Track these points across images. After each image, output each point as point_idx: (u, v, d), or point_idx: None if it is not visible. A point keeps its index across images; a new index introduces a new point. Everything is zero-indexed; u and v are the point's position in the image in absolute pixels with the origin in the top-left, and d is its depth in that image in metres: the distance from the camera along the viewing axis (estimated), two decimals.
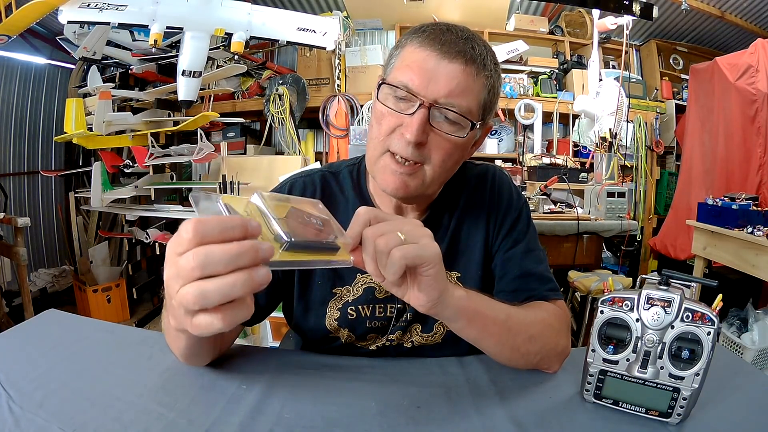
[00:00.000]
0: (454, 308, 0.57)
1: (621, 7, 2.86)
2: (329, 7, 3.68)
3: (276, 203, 0.45)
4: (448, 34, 0.64)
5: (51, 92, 3.66)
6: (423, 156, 0.66)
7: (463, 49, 0.63)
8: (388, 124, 0.66)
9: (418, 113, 0.63)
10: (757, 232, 1.97)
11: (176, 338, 0.59)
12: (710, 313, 0.52)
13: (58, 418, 0.53)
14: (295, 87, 3.23)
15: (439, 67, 0.63)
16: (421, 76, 0.63)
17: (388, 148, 0.66)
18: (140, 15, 2.28)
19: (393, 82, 0.65)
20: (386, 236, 0.49)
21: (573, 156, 3.48)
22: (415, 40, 0.65)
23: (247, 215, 0.42)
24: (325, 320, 0.77)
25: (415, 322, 0.79)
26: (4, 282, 2.89)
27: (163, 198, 3.14)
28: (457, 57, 0.63)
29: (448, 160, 0.68)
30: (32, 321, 0.84)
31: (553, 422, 0.56)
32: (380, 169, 0.68)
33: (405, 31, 1.00)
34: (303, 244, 0.43)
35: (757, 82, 2.60)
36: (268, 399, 0.59)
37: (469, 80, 0.64)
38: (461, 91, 0.63)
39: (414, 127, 0.63)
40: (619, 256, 3.21)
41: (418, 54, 0.64)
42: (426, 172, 0.67)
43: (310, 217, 0.48)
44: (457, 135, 0.65)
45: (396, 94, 0.65)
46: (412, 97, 0.64)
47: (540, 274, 0.78)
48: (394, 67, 0.67)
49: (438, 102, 0.63)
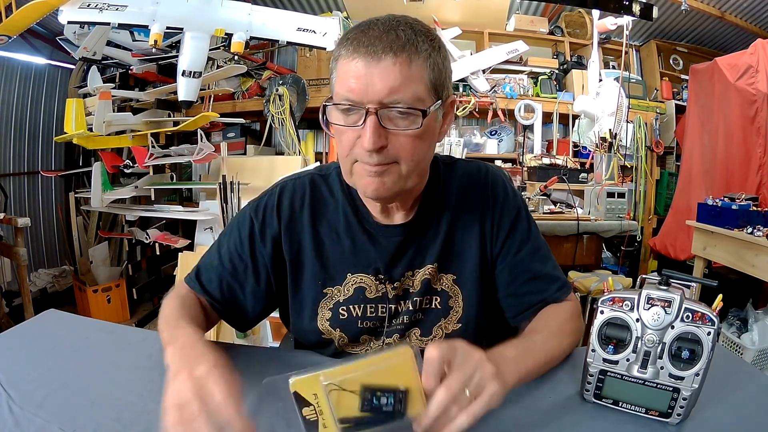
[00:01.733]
0: (513, 383, 0.57)
1: (621, 7, 2.86)
2: (329, 7, 3.68)
3: (344, 380, 0.46)
4: (370, 32, 0.63)
5: (51, 92, 3.66)
6: (390, 157, 0.65)
7: (388, 42, 0.62)
8: (347, 140, 0.66)
9: (368, 121, 0.62)
10: (756, 232, 1.97)
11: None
12: (710, 313, 0.52)
13: (58, 418, 0.53)
14: (295, 87, 3.23)
15: (370, 69, 0.61)
16: (357, 85, 0.62)
17: (355, 159, 0.66)
18: (140, 15, 2.27)
19: (336, 101, 0.65)
20: (456, 404, 0.48)
21: (573, 156, 3.47)
22: (343, 51, 0.65)
23: (315, 400, 0.45)
24: (317, 321, 0.77)
25: (413, 326, 0.78)
26: (4, 282, 2.89)
27: (163, 198, 3.15)
28: (384, 53, 0.61)
29: (417, 152, 0.67)
30: (32, 321, 0.84)
31: (553, 422, 0.56)
32: (356, 177, 0.68)
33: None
34: (365, 425, 0.46)
35: (757, 83, 2.60)
36: (268, 399, 0.59)
37: (404, 70, 0.62)
38: (400, 84, 0.62)
39: (368, 136, 0.62)
40: (619, 256, 3.21)
41: (349, 64, 0.63)
42: (401, 168, 0.66)
43: (382, 393, 0.47)
44: (413, 127, 0.64)
45: (341, 109, 0.65)
46: (356, 108, 0.63)
47: (548, 275, 0.78)
48: (335, 83, 0.67)
49: (383, 103, 0.62)
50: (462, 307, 0.79)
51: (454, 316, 0.79)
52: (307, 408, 0.46)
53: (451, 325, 0.79)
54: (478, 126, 3.76)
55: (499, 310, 0.82)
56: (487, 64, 3.34)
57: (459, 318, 0.79)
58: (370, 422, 0.47)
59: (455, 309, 0.79)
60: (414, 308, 0.77)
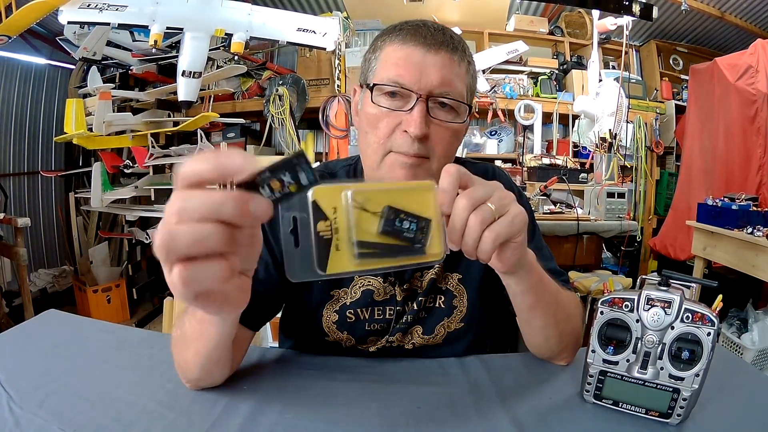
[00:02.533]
0: (528, 267, 0.56)
1: (621, 7, 2.86)
2: (329, 7, 3.68)
3: (368, 198, 0.42)
4: (425, 29, 0.65)
5: (51, 92, 3.66)
6: (427, 149, 0.66)
7: (444, 39, 0.65)
8: (386, 126, 0.65)
9: (417, 107, 0.63)
10: (756, 232, 1.97)
11: (193, 342, 0.56)
12: (710, 313, 0.52)
13: (58, 418, 0.53)
14: (295, 87, 3.23)
15: (426, 59, 0.64)
16: (410, 71, 0.63)
17: (390, 149, 0.66)
18: (140, 15, 2.28)
19: (383, 82, 0.65)
20: (478, 213, 0.46)
21: (573, 156, 3.47)
22: (394, 39, 0.66)
23: (334, 215, 0.41)
24: (322, 323, 0.76)
25: (415, 324, 0.78)
26: (4, 282, 2.89)
27: (163, 198, 3.13)
28: (441, 47, 0.64)
29: (450, 149, 0.69)
30: (32, 321, 0.84)
31: (553, 422, 0.56)
32: (388, 168, 0.67)
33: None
34: (380, 254, 0.42)
35: (757, 83, 2.60)
36: (268, 399, 0.59)
37: (455, 67, 0.65)
38: (452, 79, 0.65)
39: (417, 121, 0.63)
40: (619, 256, 3.21)
41: (401, 51, 0.65)
42: (432, 166, 0.67)
43: (406, 217, 0.44)
44: (456, 121, 0.67)
45: (388, 92, 0.65)
46: (406, 92, 0.64)
47: (553, 269, 0.78)
48: (378, 68, 0.67)
49: (433, 93, 0.64)
50: (466, 307, 0.79)
51: (458, 315, 0.79)
52: (322, 222, 0.41)
53: (454, 324, 0.79)
54: (478, 126, 3.75)
55: (502, 311, 0.81)
56: (487, 64, 3.34)
57: (462, 317, 0.79)
58: (386, 252, 0.43)
59: (459, 308, 0.79)
60: (418, 307, 0.77)
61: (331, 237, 0.42)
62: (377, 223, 0.43)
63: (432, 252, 0.45)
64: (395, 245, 0.44)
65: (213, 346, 0.55)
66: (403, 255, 0.44)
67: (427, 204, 0.45)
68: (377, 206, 0.43)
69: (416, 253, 0.45)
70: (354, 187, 0.42)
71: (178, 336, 0.59)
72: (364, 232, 0.42)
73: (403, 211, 0.44)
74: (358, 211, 0.42)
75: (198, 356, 0.56)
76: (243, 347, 0.68)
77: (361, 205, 0.42)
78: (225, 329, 0.53)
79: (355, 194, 0.42)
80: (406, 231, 0.44)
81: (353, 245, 0.42)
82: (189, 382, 0.61)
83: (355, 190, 0.42)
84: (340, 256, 0.42)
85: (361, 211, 0.42)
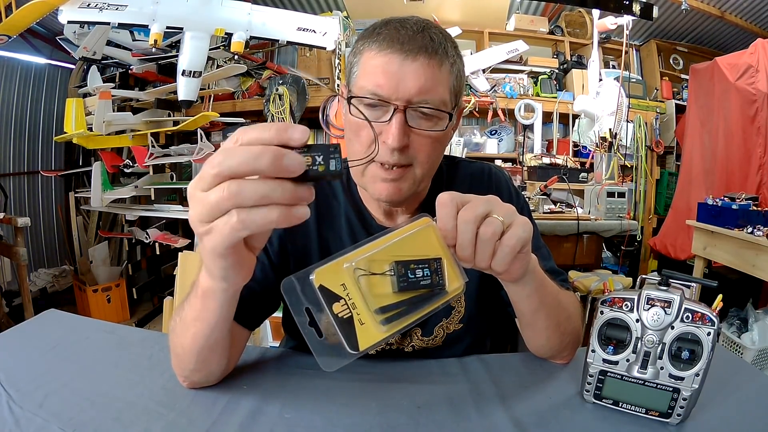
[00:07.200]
0: (532, 273, 0.56)
1: (621, 7, 2.86)
2: (329, 7, 3.68)
3: (372, 262, 0.41)
4: (403, 31, 0.62)
5: (51, 92, 3.66)
6: (409, 158, 0.65)
7: (423, 43, 0.62)
8: (366, 136, 0.65)
9: (395, 118, 0.62)
10: (757, 232, 1.97)
11: (192, 324, 0.54)
12: (710, 313, 0.52)
13: (58, 418, 0.53)
14: (295, 87, 3.23)
15: (403, 67, 0.61)
16: (387, 81, 0.61)
17: (372, 158, 0.66)
18: (140, 15, 2.27)
19: (361, 93, 0.64)
20: (489, 225, 0.46)
21: (573, 156, 3.48)
22: (372, 44, 0.64)
23: (345, 292, 0.40)
24: None
25: (415, 327, 0.78)
26: (4, 282, 2.89)
27: (163, 198, 3.14)
28: (419, 53, 0.61)
29: (433, 155, 0.68)
30: (32, 321, 0.84)
31: (553, 422, 0.56)
32: (369, 180, 0.68)
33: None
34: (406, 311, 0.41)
35: (757, 82, 2.59)
36: (268, 399, 0.59)
37: (435, 73, 0.63)
38: (431, 86, 0.62)
39: (394, 133, 0.62)
40: (619, 256, 3.21)
41: (378, 59, 0.62)
42: (415, 172, 0.67)
43: (416, 266, 0.43)
44: (436, 129, 0.65)
45: (366, 103, 0.64)
46: (383, 103, 0.63)
47: (551, 269, 0.77)
48: (358, 76, 0.66)
49: (411, 102, 0.62)
50: (464, 307, 0.79)
51: (456, 316, 0.79)
52: (337, 303, 0.40)
53: (452, 325, 0.79)
54: (478, 126, 3.75)
55: (500, 311, 0.81)
56: (487, 63, 3.34)
57: (461, 318, 0.79)
58: (411, 306, 0.42)
59: (457, 309, 0.79)
60: None
61: (351, 314, 0.41)
62: (391, 283, 0.42)
63: (453, 287, 0.45)
64: (416, 297, 0.42)
65: (211, 328, 0.54)
66: (427, 303, 0.43)
67: (430, 243, 0.44)
68: (383, 266, 0.42)
69: (439, 295, 0.44)
70: (353, 257, 0.42)
71: (177, 323, 0.58)
72: (380, 297, 0.41)
73: (411, 261, 0.43)
74: (367, 279, 0.41)
75: (195, 341, 0.55)
76: (239, 346, 0.68)
77: (367, 272, 0.41)
78: (225, 306, 0.51)
79: (358, 264, 0.41)
80: (422, 279, 0.43)
81: (375, 314, 0.41)
82: (185, 376, 0.60)
83: (355, 260, 0.41)
84: (366, 330, 0.41)
85: (368, 277, 0.41)
